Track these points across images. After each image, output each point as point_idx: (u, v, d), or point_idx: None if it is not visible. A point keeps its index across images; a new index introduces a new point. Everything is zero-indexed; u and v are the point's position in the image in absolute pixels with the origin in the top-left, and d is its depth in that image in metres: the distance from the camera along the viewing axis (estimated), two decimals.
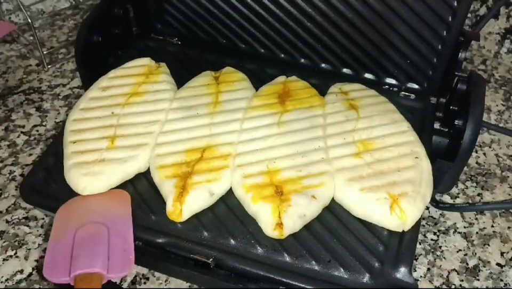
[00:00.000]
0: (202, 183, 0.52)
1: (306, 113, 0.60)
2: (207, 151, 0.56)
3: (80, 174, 0.53)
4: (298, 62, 0.70)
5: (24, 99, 0.76)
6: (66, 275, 0.46)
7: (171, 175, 0.53)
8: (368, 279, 0.47)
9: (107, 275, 0.46)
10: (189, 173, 0.53)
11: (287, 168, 0.53)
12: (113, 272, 0.46)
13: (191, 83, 0.64)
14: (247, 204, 0.51)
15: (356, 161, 0.54)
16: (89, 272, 0.46)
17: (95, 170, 0.53)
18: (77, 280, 0.45)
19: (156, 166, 0.54)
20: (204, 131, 0.58)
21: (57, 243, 0.49)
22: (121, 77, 0.64)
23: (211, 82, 0.64)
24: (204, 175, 0.53)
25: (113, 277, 0.47)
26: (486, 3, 0.82)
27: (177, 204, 0.51)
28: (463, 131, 0.53)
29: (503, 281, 0.55)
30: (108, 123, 0.58)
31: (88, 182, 0.53)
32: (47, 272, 0.47)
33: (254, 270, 0.48)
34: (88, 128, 0.58)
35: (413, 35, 0.61)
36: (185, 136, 0.57)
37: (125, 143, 0.56)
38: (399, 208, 0.49)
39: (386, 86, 0.67)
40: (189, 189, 0.51)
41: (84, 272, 0.46)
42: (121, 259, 0.47)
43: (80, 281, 0.45)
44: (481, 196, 0.63)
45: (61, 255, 0.48)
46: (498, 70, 0.83)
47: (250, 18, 0.68)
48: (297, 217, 0.49)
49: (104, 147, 0.56)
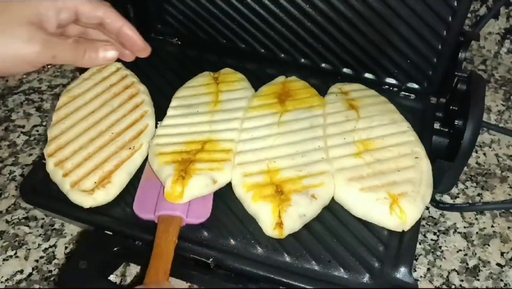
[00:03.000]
0: (205, 170, 0.52)
1: (306, 113, 0.60)
2: (208, 144, 0.55)
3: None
4: (298, 62, 0.70)
5: (24, 99, 0.76)
6: (152, 213, 0.50)
7: (170, 161, 0.53)
8: (368, 279, 0.47)
9: (186, 219, 0.50)
10: (190, 160, 0.53)
11: (287, 168, 0.53)
12: (192, 216, 0.50)
13: (190, 83, 0.64)
14: (247, 203, 0.51)
15: (356, 161, 0.54)
16: (171, 214, 0.50)
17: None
18: (160, 219, 0.50)
19: (155, 153, 0.54)
20: (204, 127, 0.58)
21: (148, 182, 0.54)
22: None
23: (210, 82, 0.64)
24: (206, 163, 0.53)
25: (190, 221, 0.50)
26: (486, 4, 0.82)
27: (176, 186, 0.50)
28: (463, 131, 0.53)
29: (503, 281, 0.55)
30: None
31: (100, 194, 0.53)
32: (136, 207, 0.52)
33: (254, 270, 0.48)
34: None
35: (413, 35, 0.61)
36: (186, 130, 0.57)
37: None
38: (399, 208, 0.49)
39: (386, 86, 0.67)
40: (191, 173, 0.51)
41: (166, 214, 0.50)
42: (200, 207, 0.51)
43: (162, 221, 0.49)
44: (481, 196, 0.63)
45: (150, 193, 0.52)
46: (498, 70, 0.83)
47: (250, 18, 0.68)
48: (297, 216, 0.49)
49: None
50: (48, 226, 0.60)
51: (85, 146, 0.55)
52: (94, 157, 0.54)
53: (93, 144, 0.55)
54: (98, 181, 0.52)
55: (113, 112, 0.59)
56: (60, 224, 0.60)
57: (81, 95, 0.60)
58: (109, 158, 0.54)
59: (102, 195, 0.52)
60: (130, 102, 0.60)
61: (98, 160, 0.54)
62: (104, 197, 0.52)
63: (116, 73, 0.63)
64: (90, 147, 0.55)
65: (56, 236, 0.59)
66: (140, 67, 0.69)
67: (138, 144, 0.56)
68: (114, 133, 0.56)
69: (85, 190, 0.52)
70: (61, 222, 0.60)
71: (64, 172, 0.53)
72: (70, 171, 0.53)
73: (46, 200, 0.55)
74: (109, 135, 0.56)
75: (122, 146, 0.55)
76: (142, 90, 0.62)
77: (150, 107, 0.61)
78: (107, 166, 0.53)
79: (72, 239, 0.59)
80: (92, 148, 0.55)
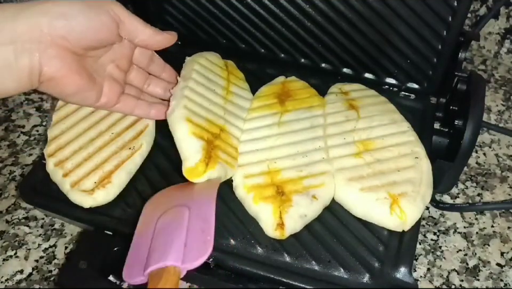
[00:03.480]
0: (223, 160, 0.52)
1: (307, 113, 0.60)
2: (223, 133, 0.55)
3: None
4: (298, 62, 0.69)
5: (24, 100, 0.76)
6: (141, 274, 0.41)
7: (198, 134, 0.52)
8: (368, 279, 0.47)
9: (182, 266, 0.40)
10: (213, 144, 0.53)
11: (287, 168, 0.53)
12: (189, 260, 0.40)
13: (208, 55, 0.64)
14: (248, 204, 0.51)
15: (356, 161, 0.54)
16: (162, 266, 0.40)
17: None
18: (150, 276, 0.40)
19: (183, 117, 0.52)
20: (220, 111, 0.57)
21: (138, 239, 0.46)
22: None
23: (223, 66, 0.64)
24: (223, 153, 0.53)
25: (189, 267, 0.41)
26: (486, 4, 0.82)
27: (202, 164, 0.50)
28: (463, 131, 0.53)
29: (503, 281, 0.55)
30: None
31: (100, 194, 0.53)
32: (124, 273, 0.43)
33: (254, 270, 0.48)
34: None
35: (413, 35, 0.61)
36: (206, 104, 0.56)
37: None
38: (399, 208, 0.50)
39: (386, 86, 0.67)
40: (216, 159, 0.51)
41: (156, 268, 0.41)
42: (198, 242, 0.42)
43: (153, 278, 0.40)
44: (481, 196, 0.63)
45: (139, 251, 0.44)
46: (498, 70, 0.83)
47: (250, 18, 0.68)
48: (298, 217, 0.49)
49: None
50: (48, 226, 0.60)
51: (85, 146, 0.55)
52: (94, 157, 0.54)
53: (93, 144, 0.55)
54: (98, 181, 0.52)
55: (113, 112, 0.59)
56: (60, 224, 0.60)
57: None
58: (109, 158, 0.54)
59: (102, 195, 0.52)
60: None
61: (98, 160, 0.54)
62: (104, 197, 0.52)
63: None
64: (90, 147, 0.55)
65: (56, 236, 0.59)
66: None
67: (138, 144, 0.56)
68: (114, 133, 0.56)
69: (85, 190, 0.52)
70: (61, 222, 0.60)
71: (64, 172, 0.53)
72: (70, 171, 0.53)
73: (46, 200, 0.55)
74: (109, 135, 0.56)
75: (122, 146, 0.55)
76: None
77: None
78: (107, 166, 0.53)
79: (72, 239, 0.59)
80: (92, 148, 0.55)
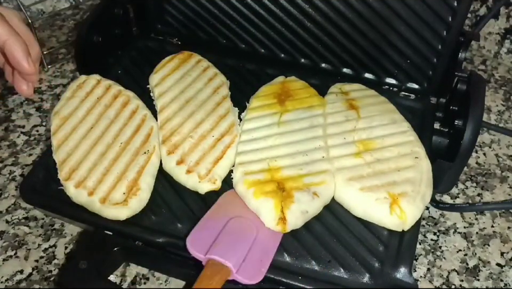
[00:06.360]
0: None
1: (306, 113, 0.60)
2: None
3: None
4: (298, 62, 0.70)
5: (24, 100, 0.76)
6: (202, 253, 0.47)
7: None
8: (368, 279, 0.47)
9: (234, 274, 0.46)
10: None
11: (288, 166, 0.53)
12: (241, 274, 0.46)
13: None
14: (248, 199, 0.51)
15: (356, 161, 0.54)
16: (222, 262, 0.46)
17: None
18: (208, 263, 0.46)
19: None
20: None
21: (210, 221, 0.50)
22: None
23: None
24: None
25: (239, 278, 0.46)
26: (486, 4, 0.82)
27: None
28: (463, 131, 0.53)
29: (503, 281, 0.55)
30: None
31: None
32: (189, 241, 0.48)
33: None
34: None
35: (413, 35, 0.61)
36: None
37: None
38: (398, 207, 0.49)
39: (386, 86, 0.67)
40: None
41: (217, 259, 0.46)
42: (254, 268, 0.47)
43: (210, 266, 0.46)
44: (481, 196, 0.63)
45: (208, 233, 0.49)
46: (498, 70, 0.83)
47: (250, 18, 0.68)
48: (300, 213, 0.50)
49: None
50: (48, 226, 0.60)
51: (99, 162, 0.54)
52: (112, 169, 0.54)
53: (106, 157, 0.55)
54: (127, 191, 0.52)
55: (112, 123, 0.58)
56: (60, 224, 0.60)
57: (72, 114, 0.59)
58: (127, 166, 0.54)
59: (135, 202, 0.52)
60: (125, 110, 0.60)
61: (118, 171, 0.54)
62: (138, 204, 0.52)
63: (98, 85, 0.62)
64: (105, 161, 0.54)
65: (56, 236, 0.59)
66: (140, 67, 0.69)
67: (151, 147, 0.56)
68: (123, 142, 0.56)
69: (117, 202, 0.51)
70: (61, 222, 0.60)
71: (89, 191, 0.52)
72: (94, 189, 0.52)
73: (46, 200, 0.55)
74: (118, 146, 0.56)
75: (136, 152, 0.55)
76: (132, 96, 0.62)
77: (147, 110, 0.61)
78: (130, 174, 0.53)
79: (72, 239, 0.59)
80: (106, 162, 0.54)
